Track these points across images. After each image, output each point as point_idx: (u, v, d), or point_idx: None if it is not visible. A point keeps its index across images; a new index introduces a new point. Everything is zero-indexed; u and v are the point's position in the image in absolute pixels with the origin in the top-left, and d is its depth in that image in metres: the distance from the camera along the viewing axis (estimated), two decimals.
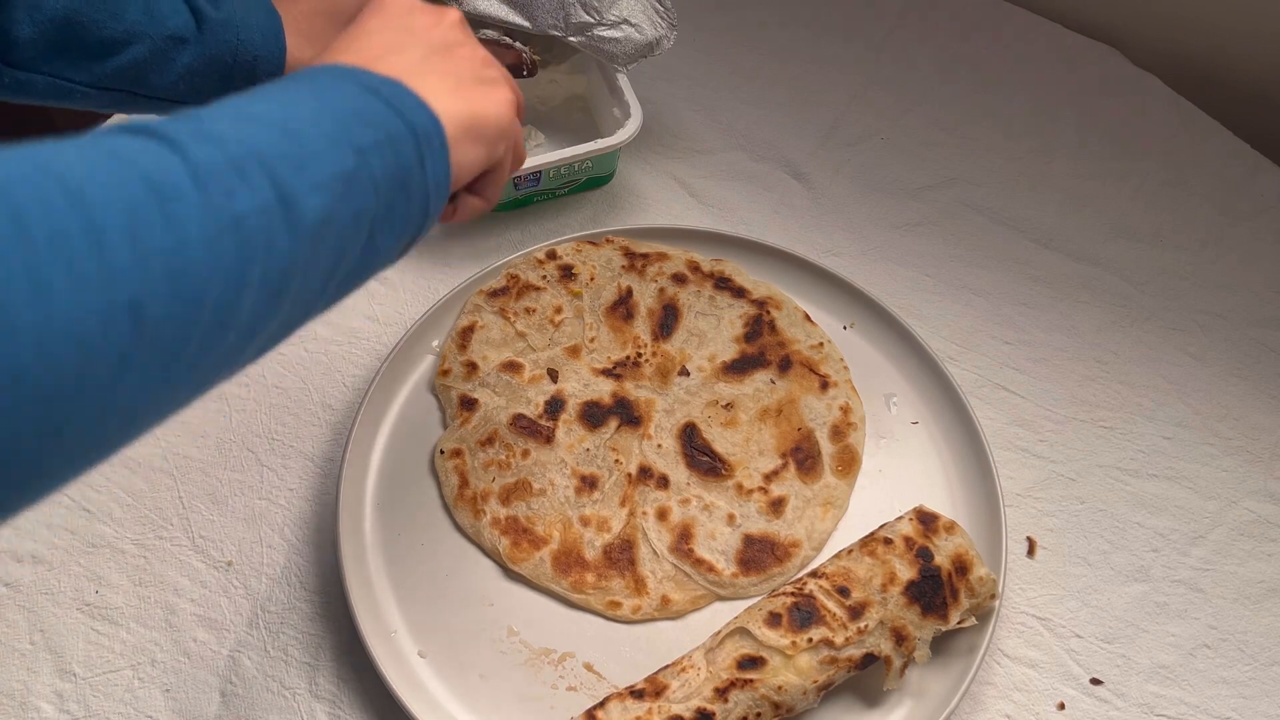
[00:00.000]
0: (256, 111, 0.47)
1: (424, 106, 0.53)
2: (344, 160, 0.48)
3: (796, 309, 0.83)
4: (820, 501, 0.75)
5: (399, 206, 0.52)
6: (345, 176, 0.48)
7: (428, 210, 0.54)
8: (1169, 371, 0.85)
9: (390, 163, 0.51)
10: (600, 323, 0.82)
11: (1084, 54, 1.04)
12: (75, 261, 0.36)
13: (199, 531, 0.75)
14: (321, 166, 0.47)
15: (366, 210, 0.50)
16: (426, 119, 0.53)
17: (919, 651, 0.66)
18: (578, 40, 0.84)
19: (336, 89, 0.51)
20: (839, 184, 0.94)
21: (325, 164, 0.47)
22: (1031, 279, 0.90)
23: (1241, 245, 0.92)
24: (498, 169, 0.62)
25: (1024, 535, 0.77)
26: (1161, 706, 0.71)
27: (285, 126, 0.46)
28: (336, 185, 0.47)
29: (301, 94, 0.49)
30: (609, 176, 0.91)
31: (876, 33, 1.04)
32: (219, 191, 0.41)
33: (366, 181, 0.49)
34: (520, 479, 0.75)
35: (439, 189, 0.54)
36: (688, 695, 0.64)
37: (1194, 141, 0.98)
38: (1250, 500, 0.79)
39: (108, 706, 0.69)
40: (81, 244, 0.36)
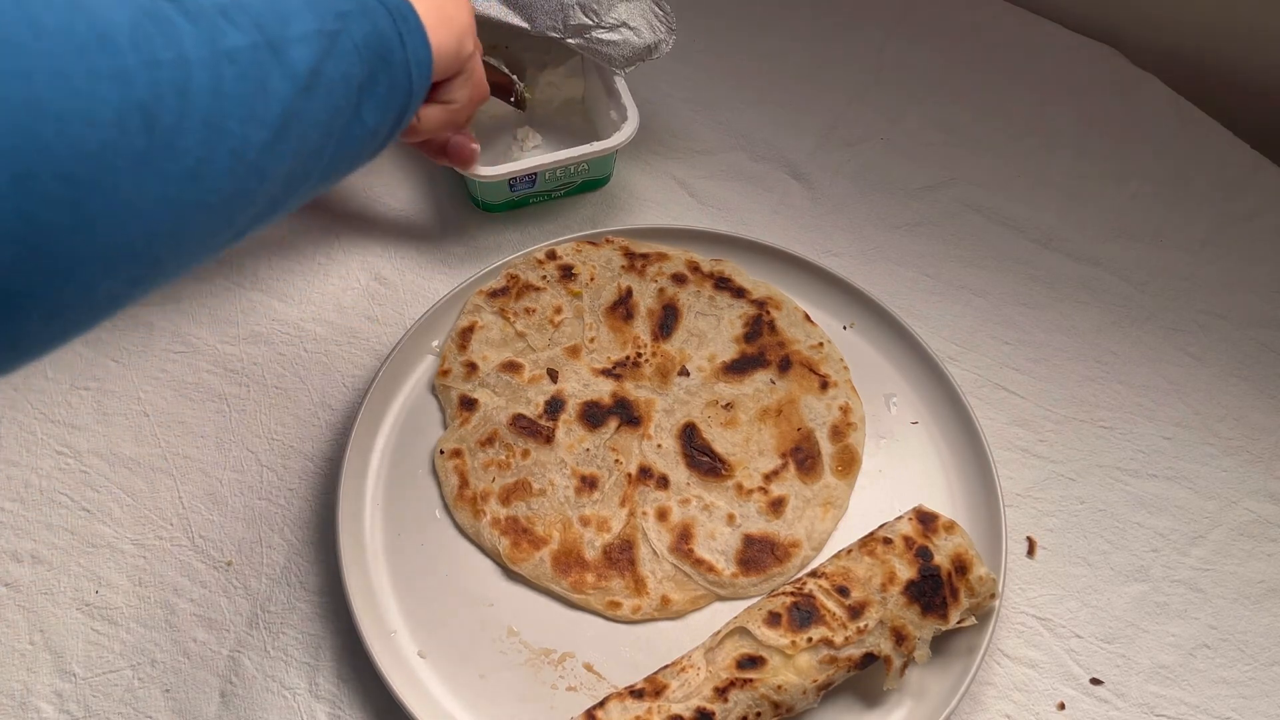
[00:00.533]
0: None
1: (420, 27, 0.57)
2: (324, 20, 0.50)
3: (796, 309, 0.83)
4: (820, 501, 0.75)
5: (382, 76, 0.54)
6: (327, 35, 0.50)
7: (411, 88, 0.57)
8: (1169, 371, 0.85)
9: (369, 31, 0.53)
10: (600, 323, 0.82)
11: (1084, 54, 1.04)
12: (86, 53, 0.38)
13: (199, 531, 0.75)
14: (303, 22, 0.49)
15: (352, 73, 0.52)
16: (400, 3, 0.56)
17: (919, 651, 0.66)
18: (576, 42, 0.84)
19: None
20: (839, 184, 0.94)
21: (307, 21, 0.49)
22: (1031, 279, 0.89)
23: (1241, 245, 0.92)
24: (464, 77, 0.66)
25: (1024, 535, 0.77)
26: (1161, 706, 0.71)
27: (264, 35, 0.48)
28: (320, 41, 0.50)
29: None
30: (606, 179, 0.91)
31: (876, 33, 1.04)
32: (208, 27, 0.43)
33: (348, 44, 0.52)
34: (520, 479, 0.75)
35: (420, 67, 0.57)
36: (687, 695, 0.64)
37: (1194, 141, 0.98)
38: (1250, 500, 0.79)
39: (108, 706, 0.69)
40: (90, 39, 0.38)
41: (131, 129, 0.39)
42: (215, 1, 0.45)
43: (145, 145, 0.40)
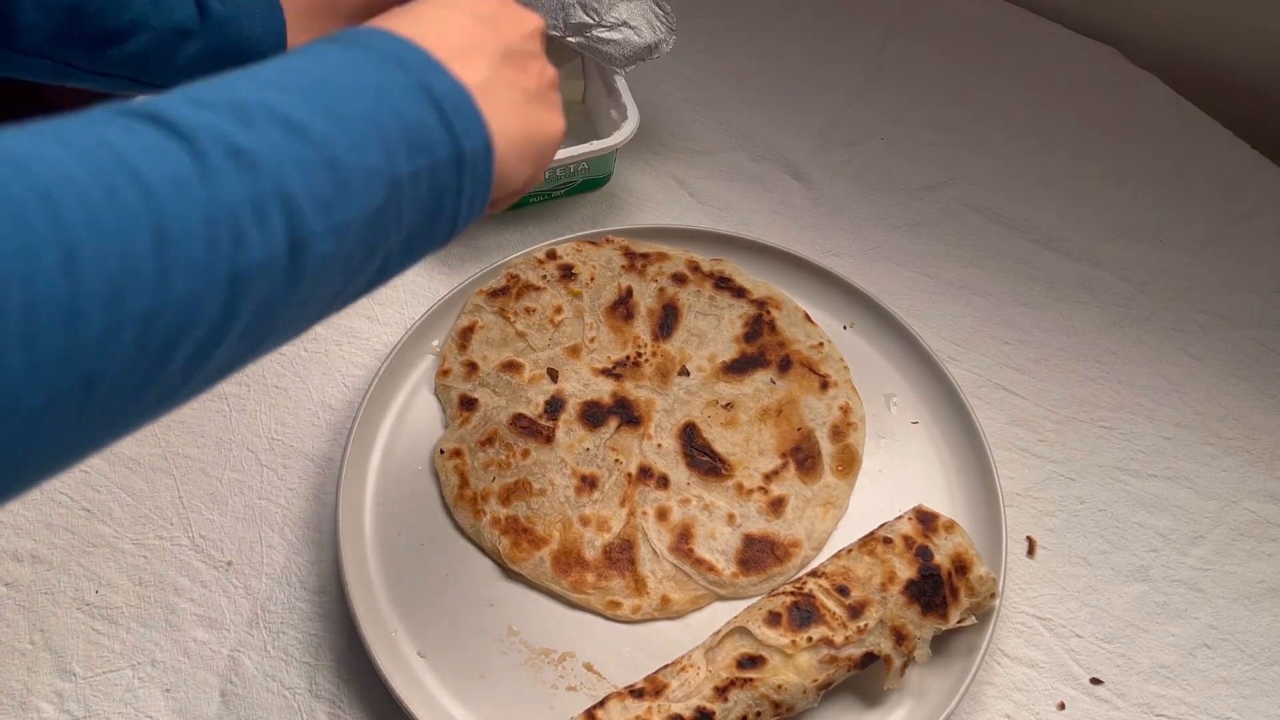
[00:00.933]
0: (304, 118, 0.42)
1: (483, 129, 0.49)
2: (374, 196, 0.44)
3: (796, 309, 0.83)
4: (820, 501, 0.75)
5: (421, 234, 0.49)
6: (370, 216, 0.44)
7: (452, 233, 0.51)
8: (1169, 371, 0.85)
9: (425, 193, 0.47)
10: (600, 323, 0.82)
11: (1084, 54, 1.04)
12: (41, 335, 0.33)
13: (199, 531, 0.75)
14: (349, 206, 0.43)
15: (382, 245, 0.46)
16: (480, 143, 0.49)
17: (919, 651, 0.66)
18: (576, 41, 0.84)
19: (399, 90, 0.46)
20: (839, 184, 0.94)
21: (354, 203, 0.43)
22: (1031, 279, 0.90)
23: (1241, 245, 0.92)
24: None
25: (1024, 535, 0.77)
26: (1161, 706, 0.71)
27: (326, 149, 0.42)
28: (357, 227, 0.44)
29: (363, 89, 0.45)
30: (606, 178, 0.91)
31: (876, 33, 1.04)
32: (228, 239, 0.38)
33: (392, 217, 0.46)
34: (520, 479, 0.75)
35: (470, 214, 0.51)
36: (687, 694, 0.64)
37: (1194, 141, 0.98)
38: (1250, 500, 0.79)
39: (108, 706, 0.69)
40: (54, 315, 0.33)
41: (66, 403, 0.35)
42: (257, 190, 0.39)
43: (77, 413, 0.36)
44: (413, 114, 0.46)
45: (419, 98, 0.47)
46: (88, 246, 0.34)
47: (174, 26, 0.68)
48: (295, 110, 0.42)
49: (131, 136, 0.38)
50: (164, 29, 0.68)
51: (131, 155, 0.37)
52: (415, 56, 0.48)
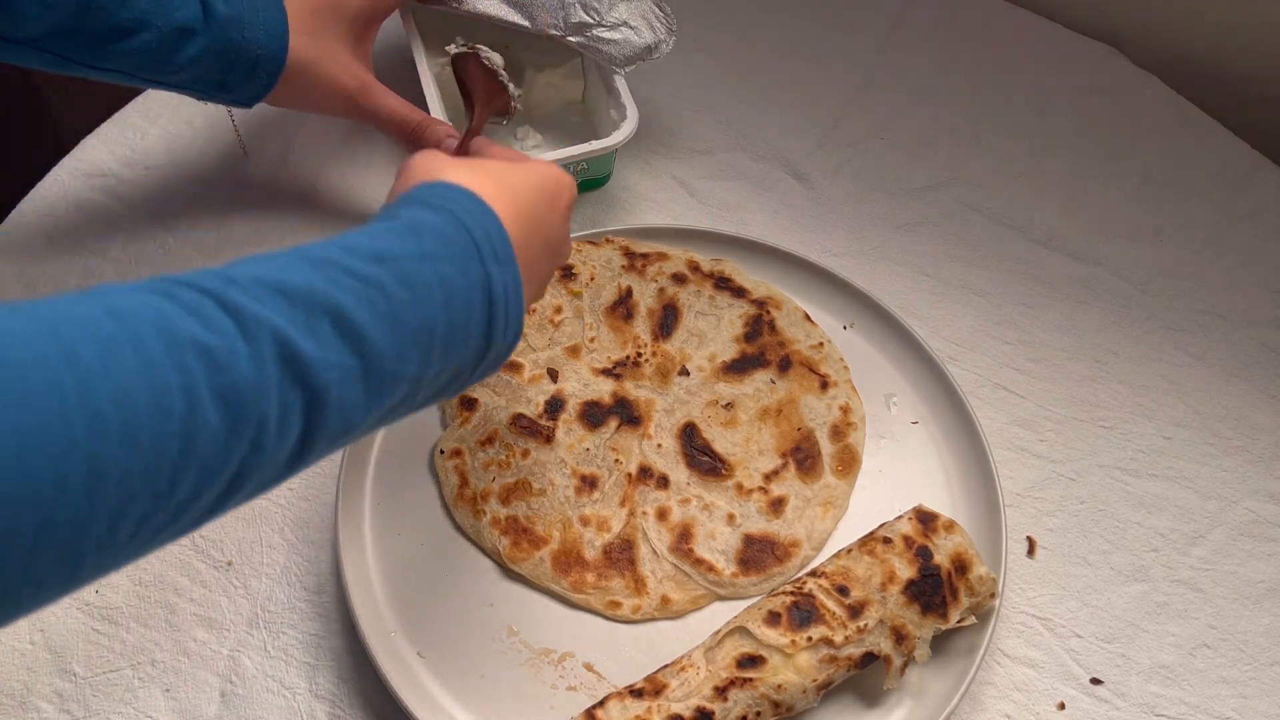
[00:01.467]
0: (367, 327, 0.44)
1: (519, 323, 0.52)
2: (397, 395, 0.47)
3: (796, 309, 0.83)
4: (820, 501, 0.75)
5: (423, 403, 0.51)
6: (380, 413, 0.47)
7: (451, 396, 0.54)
8: (1169, 371, 0.85)
9: (443, 379, 0.50)
10: (600, 322, 0.82)
11: (1084, 54, 1.04)
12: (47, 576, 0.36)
13: (199, 531, 0.75)
14: (369, 408, 0.45)
15: (376, 428, 0.49)
16: (513, 337, 0.52)
17: (919, 650, 0.66)
18: (576, 40, 0.84)
19: (463, 289, 0.48)
20: (839, 184, 0.94)
21: (375, 405, 0.46)
22: (1031, 279, 0.89)
23: (1241, 245, 0.92)
24: None
25: (1024, 535, 0.77)
26: (1161, 706, 0.71)
27: (373, 361, 0.44)
28: (366, 426, 0.46)
29: (433, 291, 0.47)
30: (605, 178, 0.91)
31: (876, 33, 1.04)
32: (248, 444, 0.40)
33: (400, 408, 0.48)
34: (520, 479, 0.75)
35: (479, 377, 0.53)
36: (687, 694, 0.64)
37: (1194, 141, 0.98)
38: (1250, 500, 0.79)
39: (108, 706, 0.69)
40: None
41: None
42: (308, 402, 0.42)
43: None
44: (464, 314, 0.49)
45: (478, 295, 0.49)
46: (118, 468, 0.36)
47: (177, 25, 0.68)
48: (361, 316, 0.44)
49: (200, 329, 0.39)
50: (167, 28, 0.68)
51: (191, 359, 0.38)
52: (495, 242, 0.50)
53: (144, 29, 0.68)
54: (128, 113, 0.94)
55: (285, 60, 0.74)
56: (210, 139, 0.92)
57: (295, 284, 0.43)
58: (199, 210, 0.88)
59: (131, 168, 0.90)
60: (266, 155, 0.92)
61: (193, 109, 0.94)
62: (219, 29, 0.70)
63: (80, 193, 0.88)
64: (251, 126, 0.93)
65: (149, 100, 0.94)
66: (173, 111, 0.94)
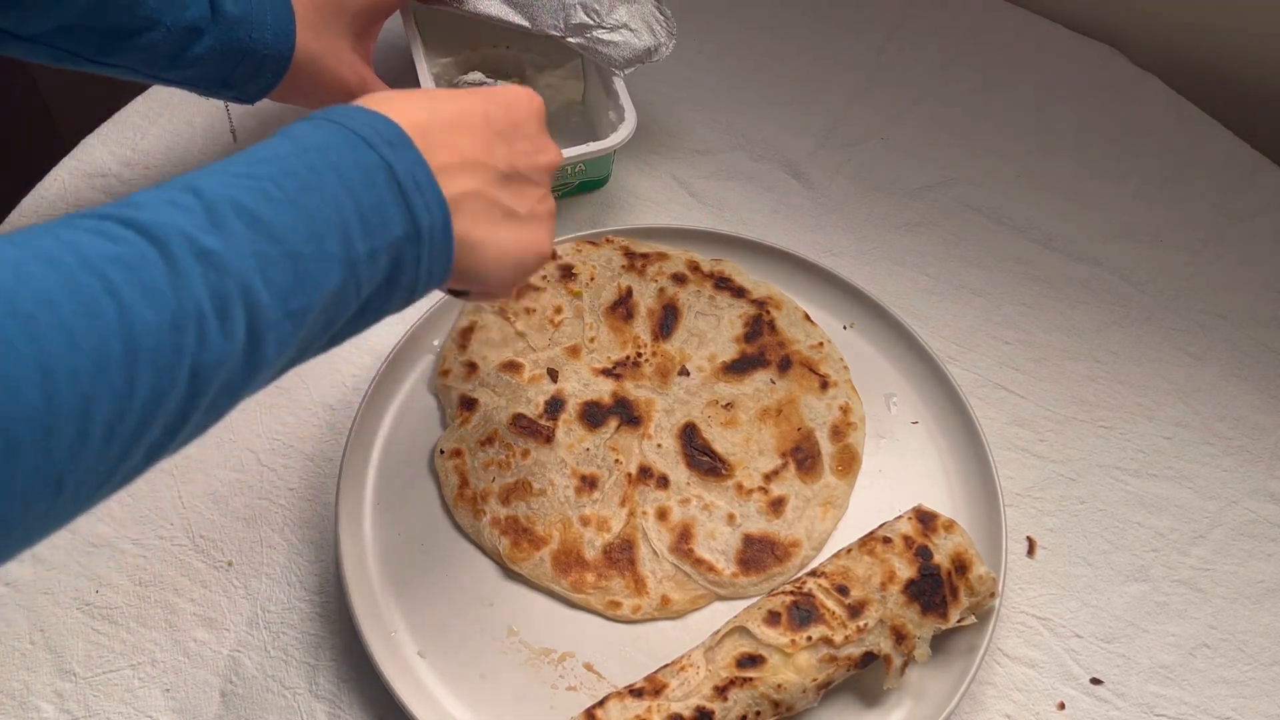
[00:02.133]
0: (268, 212, 0.44)
1: (441, 204, 0.51)
2: (332, 279, 0.46)
3: (796, 309, 0.83)
4: (820, 501, 0.75)
5: (377, 301, 0.51)
6: (327, 297, 0.47)
7: (410, 298, 0.53)
8: (1169, 371, 0.85)
9: (383, 266, 0.49)
10: (600, 322, 0.82)
11: (1084, 54, 1.04)
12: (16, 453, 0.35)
13: (199, 531, 0.75)
14: (307, 293, 0.45)
15: (340, 317, 0.49)
16: (439, 217, 0.51)
17: (919, 650, 0.66)
18: (576, 41, 0.84)
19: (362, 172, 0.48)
20: (839, 184, 0.94)
21: (312, 289, 0.46)
22: (1031, 279, 0.89)
23: (1241, 245, 0.92)
24: None
25: (1024, 535, 0.77)
26: (1161, 706, 0.71)
27: (288, 242, 0.44)
28: (315, 310, 0.46)
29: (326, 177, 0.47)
30: (604, 180, 0.91)
31: (876, 33, 1.04)
32: (193, 339, 0.40)
33: (349, 293, 0.48)
34: (520, 479, 0.75)
35: (430, 281, 0.53)
36: (687, 694, 0.64)
37: (1194, 141, 0.98)
38: (1250, 500, 0.79)
39: (108, 706, 0.69)
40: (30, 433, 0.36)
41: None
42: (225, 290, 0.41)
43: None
44: (372, 195, 0.48)
45: (380, 177, 0.48)
46: (64, 366, 0.36)
47: (186, 24, 0.68)
48: (260, 205, 0.44)
49: (108, 245, 0.40)
50: (176, 26, 0.68)
51: (107, 267, 0.39)
52: (386, 134, 0.50)
53: (153, 27, 0.68)
54: (128, 112, 0.94)
55: (291, 59, 0.74)
56: (210, 138, 0.92)
57: (187, 195, 0.43)
58: None
59: (131, 167, 0.90)
60: None
61: (193, 108, 0.94)
62: (227, 28, 0.70)
63: (81, 192, 0.88)
64: (248, 123, 0.93)
65: (149, 100, 0.94)
66: (173, 111, 0.94)
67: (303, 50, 0.74)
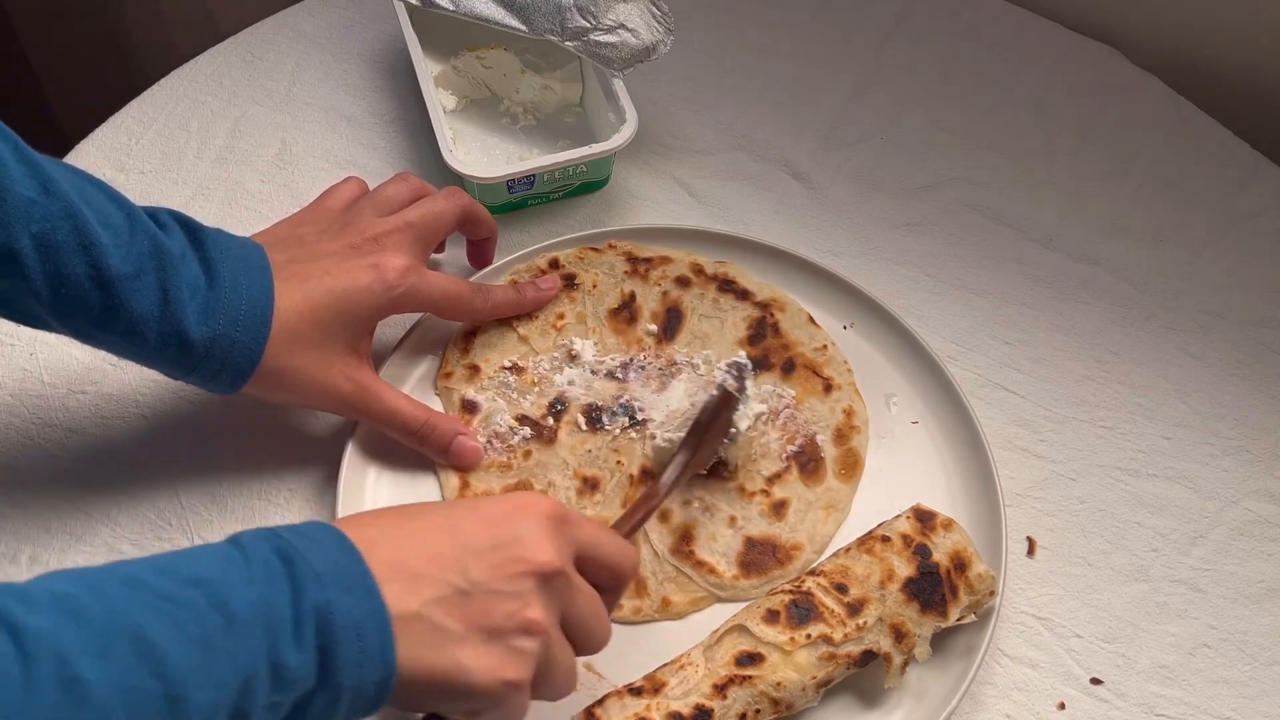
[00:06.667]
0: (168, 646, 0.42)
1: (382, 665, 0.47)
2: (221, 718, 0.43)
3: (801, 311, 0.83)
4: (822, 505, 0.75)
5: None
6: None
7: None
8: (1169, 371, 0.85)
9: (281, 715, 0.46)
10: (603, 326, 0.82)
11: (1084, 54, 1.03)
12: None
13: (198, 532, 0.75)
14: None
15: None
16: (373, 677, 0.47)
17: (919, 648, 0.66)
18: (574, 45, 0.85)
19: (296, 627, 0.45)
20: (839, 184, 0.94)
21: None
22: (1031, 279, 0.89)
23: (1241, 245, 0.92)
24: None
25: (1024, 535, 0.77)
26: (1162, 706, 0.71)
27: (176, 684, 0.42)
28: None
29: (254, 633, 0.44)
30: (604, 181, 0.91)
31: (876, 33, 1.04)
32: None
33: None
34: (522, 480, 0.75)
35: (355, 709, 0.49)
36: (686, 692, 0.64)
37: (1194, 141, 0.98)
38: (1250, 500, 0.79)
39: None
40: None
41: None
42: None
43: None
44: (298, 655, 0.45)
45: (308, 631, 0.46)
46: None
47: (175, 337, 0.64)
48: (167, 639, 0.42)
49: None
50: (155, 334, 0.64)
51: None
52: (345, 573, 0.47)
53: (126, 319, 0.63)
54: (122, 118, 0.93)
55: (254, 370, 0.67)
56: (205, 143, 0.92)
57: (94, 603, 0.41)
58: (196, 215, 0.87)
59: (126, 173, 0.90)
60: (261, 158, 0.92)
61: (188, 113, 0.94)
62: (202, 353, 0.65)
63: None
64: (247, 129, 0.93)
65: (143, 104, 0.94)
66: (167, 116, 0.94)
67: (276, 362, 0.67)
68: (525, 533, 0.53)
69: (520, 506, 0.54)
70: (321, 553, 0.48)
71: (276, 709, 0.46)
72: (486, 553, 0.52)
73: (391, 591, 0.48)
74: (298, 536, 0.48)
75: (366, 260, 0.70)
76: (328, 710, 0.47)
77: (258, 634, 0.44)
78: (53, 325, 0.63)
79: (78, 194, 0.60)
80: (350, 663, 0.47)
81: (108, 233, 0.60)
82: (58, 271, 0.59)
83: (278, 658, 0.45)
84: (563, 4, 0.84)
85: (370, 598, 0.48)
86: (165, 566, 0.45)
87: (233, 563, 0.46)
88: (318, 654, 0.46)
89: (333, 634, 0.46)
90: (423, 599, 0.49)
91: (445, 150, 0.83)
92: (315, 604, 0.46)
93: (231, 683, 0.43)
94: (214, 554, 0.47)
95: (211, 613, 0.44)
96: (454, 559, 0.51)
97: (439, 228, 0.76)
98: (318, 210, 0.75)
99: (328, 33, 1.00)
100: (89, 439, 0.78)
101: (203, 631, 0.43)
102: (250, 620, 0.44)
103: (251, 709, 0.44)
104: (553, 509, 0.54)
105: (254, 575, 0.46)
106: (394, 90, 0.96)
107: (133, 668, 0.41)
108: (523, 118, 0.93)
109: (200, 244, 0.65)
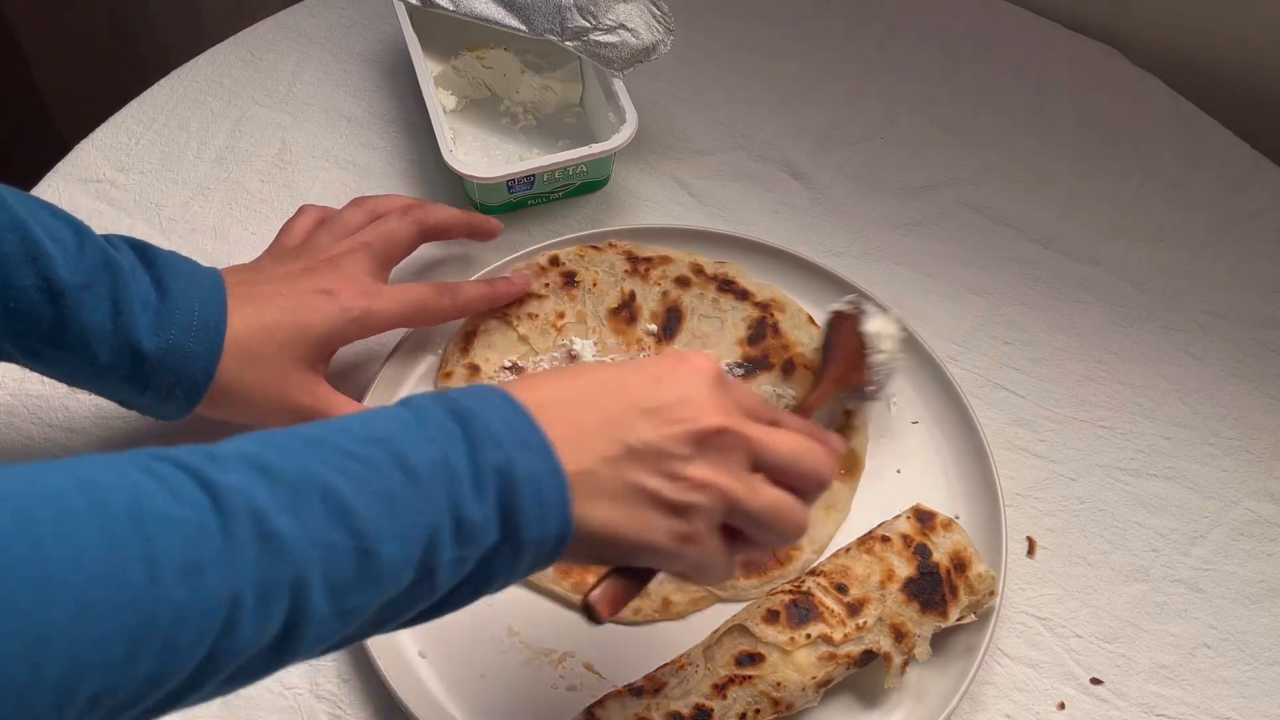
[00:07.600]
0: (356, 502, 0.42)
1: (560, 522, 0.48)
2: (402, 580, 0.44)
3: (800, 311, 0.83)
4: (822, 504, 0.75)
5: (455, 598, 0.48)
6: (392, 598, 0.44)
7: (495, 592, 0.50)
8: (1169, 371, 0.85)
9: (470, 570, 0.47)
10: (603, 325, 0.82)
11: (1084, 54, 1.03)
12: None
13: None
14: (369, 593, 0.43)
15: (393, 619, 0.46)
16: (552, 531, 0.48)
17: (919, 648, 0.66)
18: (574, 45, 0.85)
19: (470, 478, 0.45)
20: (839, 184, 0.94)
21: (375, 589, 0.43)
22: (1031, 279, 0.89)
23: (1241, 245, 0.92)
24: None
25: (1024, 535, 0.77)
26: (1161, 706, 0.71)
27: (367, 539, 0.42)
28: (373, 608, 0.44)
29: (434, 473, 0.45)
30: (604, 181, 0.91)
31: (876, 33, 1.04)
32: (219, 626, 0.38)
33: (420, 594, 0.45)
34: None
35: (525, 576, 0.50)
36: (686, 692, 0.64)
37: (1194, 141, 0.98)
38: (1250, 500, 0.79)
39: None
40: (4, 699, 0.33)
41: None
42: (283, 577, 0.39)
43: None
44: (479, 509, 0.46)
45: (492, 488, 0.46)
46: (65, 636, 0.34)
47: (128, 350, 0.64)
48: (354, 494, 0.42)
49: (169, 504, 0.38)
50: None
51: (157, 530, 0.37)
52: (520, 434, 0.48)
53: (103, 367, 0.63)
54: (121, 118, 0.93)
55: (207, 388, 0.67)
56: (205, 142, 0.92)
57: (280, 460, 0.42)
58: (196, 215, 0.88)
59: (126, 173, 0.90)
60: (261, 158, 0.92)
61: (188, 112, 0.94)
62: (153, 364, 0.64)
63: (75, 198, 0.88)
64: (247, 129, 0.93)
65: (143, 104, 0.94)
66: (167, 116, 0.94)
67: (231, 377, 0.67)
68: (690, 392, 0.52)
69: (684, 365, 0.54)
70: (494, 413, 0.48)
71: (462, 563, 0.46)
72: (653, 412, 0.51)
73: (565, 450, 0.48)
74: (468, 398, 0.49)
75: (321, 284, 0.70)
76: (509, 565, 0.48)
77: (439, 489, 0.45)
78: (4, 347, 0.62)
79: (24, 209, 0.60)
80: (531, 516, 0.47)
81: (55, 245, 0.60)
82: (6, 284, 0.59)
83: (460, 513, 0.45)
84: (563, 4, 0.84)
85: (546, 455, 0.48)
86: (344, 427, 0.45)
87: (408, 423, 0.47)
88: (499, 509, 0.46)
89: (514, 489, 0.47)
90: (595, 456, 0.49)
91: (445, 150, 0.83)
92: (493, 461, 0.46)
93: (418, 536, 0.44)
94: (390, 415, 0.47)
95: (393, 468, 0.44)
96: (622, 418, 0.51)
97: (394, 247, 0.76)
98: (275, 248, 0.75)
99: (328, 33, 1.00)
100: (89, 439, 0.78)
101: (387, 486, 0.43)
102: (431, 476, 0.45)
103: (438, 563, 0.45)
104: (715, 369, 0.54)
105: (430, 434, 0.46)
106: (394, 90, 0.96)
107: (325, 522, 0.41)
108: (523, 118, 0.93)
109: (151, 262, 0.65)
